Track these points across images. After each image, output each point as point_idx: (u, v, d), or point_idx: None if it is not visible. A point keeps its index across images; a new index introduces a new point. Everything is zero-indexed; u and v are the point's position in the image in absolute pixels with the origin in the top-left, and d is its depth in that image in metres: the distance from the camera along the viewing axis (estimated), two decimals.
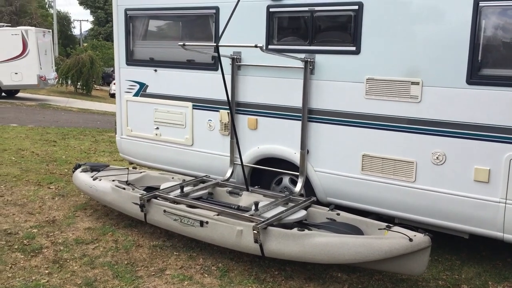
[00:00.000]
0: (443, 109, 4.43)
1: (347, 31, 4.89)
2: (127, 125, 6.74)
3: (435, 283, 4.40)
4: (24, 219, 5.66)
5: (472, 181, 4.38)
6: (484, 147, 4.29)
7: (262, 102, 5.49)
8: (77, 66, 25.54)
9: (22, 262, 4.57)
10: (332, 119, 5.04)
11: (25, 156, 9.05)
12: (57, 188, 6.95)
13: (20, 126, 13.00)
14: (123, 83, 6.69)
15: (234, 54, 5.55)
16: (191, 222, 4.71)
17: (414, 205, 4.67)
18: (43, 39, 20.78)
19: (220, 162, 5.88)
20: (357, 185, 4.97)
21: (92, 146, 10.56)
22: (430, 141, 4.53)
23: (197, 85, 5.97)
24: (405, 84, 4.57)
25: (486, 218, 4.35)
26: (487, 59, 4.28)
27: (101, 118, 16.86)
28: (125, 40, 6.52)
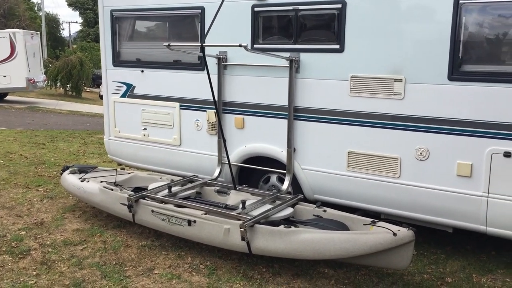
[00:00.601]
0: (426, 106, 4.49)
1: (331, 30, 4.94)
2: (115, 126, 6.74)
3: (420, 276, 4.46)
4: (12, 222, 5.66)
5: (455, 176, 4.44)
6: (466, 142, 4.36)
7: (248, 101, 5.53)
8: (66, 68, 25.40)
9: (10, 264, 4.57)
10: (318, 117, 5.09)
11: (13, 159, 9.02)
12: (45, 191, 6.95)
13: (9, 129, 12.94)
14: (110, 84, 6.70)
15: (220, 53, 5.58)
16: (179, 222, 4.74)
17: (399, 200, 4.74)
18: (31, 42, 20.66)
19: (208, 161, 5.91)
20: (343, 182, 5.02)
21: (81, 148, 10.55)
22: (414, 137, 4.59)
23: (184, 86, 6.00)
24: (388, 81, 4.63)
25: (469, 212, 4.42)
26: (468, 55, 4.35)
27: (90, 120, 16.81)
28: (111, 41, 6.53)
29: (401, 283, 4.31)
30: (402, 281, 4.36)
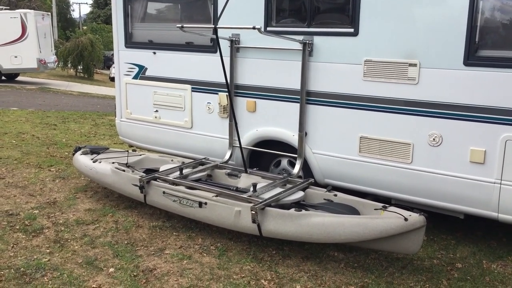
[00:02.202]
0: (440, 91, 4.45)
1: (345, 13, 4.89)
2: (126, 108, 6.77)
3: (430, 262, 4.47)
4: (25, 201, 5.73)
5: (468, 162, 4.42)
6: (480, 129, 4.32)
7: (260, 84, 5.51)
8: (77, 50, 25.42)
9: (23, 242, 4.64)
10: (330, 101, 5.07)
11: (25, 139, 9.10)
12: (57, 171, 7.01)
13: (20, 110, 13.03)
14: (122, 65, 6.70)
15: (232, 36, 5.56)
16: (190, 203, 4.77)
17: (411, 186, 4.73)
18: (42, 22, 20.68)
19: (219, 144, 5.92)
20: (355, 166, 5.01)
21: (92, 130, 10.61)
22: (427, 123, 4.56)
23: (196, 68, 5.98)
24: (402, 66, 4.59)
25: (481, 198, 4.40)
26: (485, 40, 4.29)
27: (101, 101, 16.87)
28: (123, 23, 6.52)
29: (411, 268, 4.32)
30: (412, 265, 4.38)
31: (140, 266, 4.22)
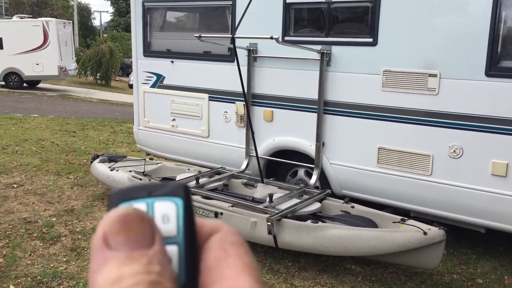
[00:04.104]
0: (461, 102, 4.37)
1: (364, 23, 4.84)
2: (144, 116, 6.80)
3: (450, 276, 4.37)
4: (43, 208, 5.78)
5: (489, 175, 4.32)
6: (502, 141, 4.23)
7: (278, 94, 5.48)
8: (96, 57, 25.77)
9: (41, 249, 4.67)
10: (348, 111, 5.02)
11: (45, 146, 9.21)
12: (75, 178, 7.07)
13: (41, 117, 13.21)
14: (141, 74, 6.74)
15: (250, 45, 5.55)
16: (206, 213, 4.75)
17: (430, 198, 4.64)
18: (64, 30, 21.01)
19: (235, 153, 5.91)
20: (373, 178, 4.94)
21: (110, 137, 10.69)
22: (447, 134, 4.48)
23: (214, 77, 5.99)
24: (422, 76, 4.52)
25: (503, 212, 4.29)
26: (507, 51, 4.21)
27: (120, 109, 17.03)
28: (142, 32, 6.57)
29: (430, 283, 4.23)
30: (431, 280, 4.29)
31: None
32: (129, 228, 0.30)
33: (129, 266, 0.29)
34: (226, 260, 0.31)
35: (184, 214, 0.32)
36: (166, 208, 0.32)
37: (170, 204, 0.32)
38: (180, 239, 0.32)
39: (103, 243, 0.30)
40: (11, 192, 6.29)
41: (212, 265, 0.31)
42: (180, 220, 0.32)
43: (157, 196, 0.32)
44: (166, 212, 0.32)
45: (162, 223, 0.32)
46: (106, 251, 0.30)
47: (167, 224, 0.32)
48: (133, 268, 0.29)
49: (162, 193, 0.32)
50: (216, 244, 0.32)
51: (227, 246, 0.32)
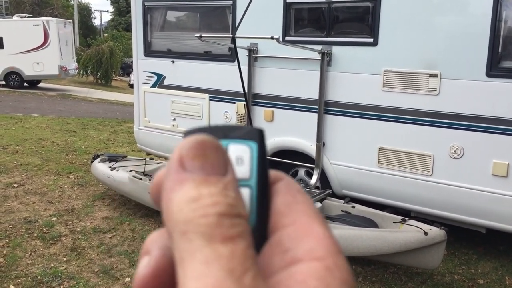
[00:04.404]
0: (462, 102, 4.37)
1: (365, 23, 4.84)
2: (144, 116, 6.80)
3: (451, 277, 4.37)
4: (43, 208, 5.78)
5: (490, 175, 4.32)
6: (503, 141, 4.22)
7: (278, 94, 5.48)
8: (97, 57, 25.77)
9: (41, 249, 4.67)
10: (349, 111, 5.01)
11: (45, 146, 9.21)
12: (76, 178, 7.07)
13: (41, 116, 13.22)
14: (141, 74, 6.74)
15: (251, 45, 5.54)
16: None
17: (431, 198, 4.63)
18: (64, 30, 21.01)
19: None
20: (373, 178, 4.94)
21: (111, 137, 10.69)
22: (448, 135, 4.47)
23: (214, 77, 5.98)
24: (423, 77, 4.52)
25: (504, 212, 4.29)
26: (508, 51, 4.20)
27: (120, 108, 17.03)
28: (143, 31, 6.56)
29: (431, 283, 4.23)
30: (432, 281, 4.28)
31: None
32: (205, 154, 0.30)
33: (207, 188, 0.29)
34: (296, 206, 0.31)
35: (258, 158, 0.32)
36: (241, 150, 0.32)
37: (244, 147, 0.32)
38: (253, 182, 0.32)
39: (179, 165, 0.30)
40: (11, 191, 6.29)
41: (282, 209, 0.32)
42: (254, 164, 0.32)
43: (232, 138, 0.33)
44: (240, 155, 0.32)
45: (236, 165, 0.32)
46: (182, 173, 0.30)
47: (241, 166, 0.32)
48: (211, 189, 0.29)
49: (237, 135, 0.33)
50: (283, 189, 0.33)
51: (294, 192, 0.32)
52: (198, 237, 0.28)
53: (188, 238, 0.28)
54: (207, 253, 0.27)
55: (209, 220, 0.28)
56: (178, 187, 0.30)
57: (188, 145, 0.31)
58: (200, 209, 0.28)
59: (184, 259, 0.28)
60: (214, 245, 0.27)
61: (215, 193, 0.29)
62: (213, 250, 0.27)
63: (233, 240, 0.28)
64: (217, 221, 0.28)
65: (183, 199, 0.29)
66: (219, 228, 0.28)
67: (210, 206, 0.28)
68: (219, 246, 0.27)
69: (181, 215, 0.28)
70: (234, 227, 0.28)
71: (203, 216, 0.28)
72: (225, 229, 0.28)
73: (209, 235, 0.27)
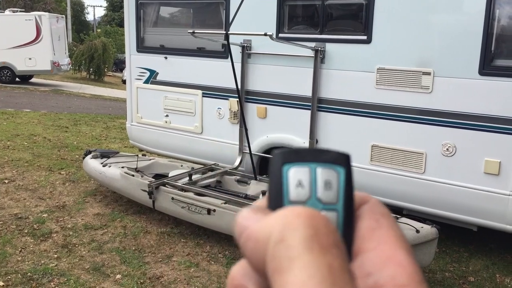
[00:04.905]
0: (455, 100, 4.37)
1: (359, 20, 4.83)
2: (137, 112, 6.76)
3: (442, 274, 4.38)
4: (34, 204, 5.74)
5: (482, 173, 4.33)
6: (495, 139, 4.24)
7: (271, 91, 5.47)
8: (89, 52, 25.61)
9: (31, 246, 4.63)
10: (342, 108, 5.01)
11: (37, 141, 9.14)
12: (68, 174, 7.02)
13: (33, 112, 13.12)
14: (134, 70, 6.70)
15: (244, 42, 5.52)
16: (199, 210, 4.73)
17: (423, 196, 4.64)
18: (57, 25, 20.85)
19: (229, 150, 5.89)
20: (366, 175, 4.94)
21: (103, 133, 10.64)
22: (441, 132, 4.48)
23: (207, 73, 5.96)
24: (416, 74, 4.52)
25: (495, 210, 4.31)
26: (501, 49, 4.21)
27: (113, 104, 16.95)
28: (135, 27, 6.52)
29: None
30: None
31: (147, 273, 4.18)
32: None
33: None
34: (379, 230, 0.31)
35: (345, 183, 0.33)
36: (329, 175, 0.33)
37: (333, 172, 0.33)
38: (340, 207, 0.33)
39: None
40: (2, 187, 6.24)
41: (365, 234, 0.32)
42: (341, 189, 0.33)
43: (321, 162, 0.33)
44: (328, 179, 0.33)
45: (323, 189, 0.33)
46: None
47: (329, 191, 0.32)
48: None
49: (326, 159, 0.33)
50: (367, 213, 0.33)
51: (378, 216, 0.33)
52: (296, 243, 0.28)
53: (286, 244, 0.28)
54: (307, 261, 0.27)
55: (307, 227, 0.28)
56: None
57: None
58: (296, 218, 0.29)
59: (283, 267, 0.28)
60: (313, 254, 0.27)
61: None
62: (313, 259, 0.27)
63: (331, 250, 0.28)
64: (315, 230, 0.28)
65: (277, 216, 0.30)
66: (316, 236, 0.28)
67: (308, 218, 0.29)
68: (318, 256, 0.27)
69: (276, 225, 0.29)
70: (330, 236, 0.29)
71: (300, 224, 0.28)
72: (322, 237, 0.28)
73: (307, 242, 0.28)
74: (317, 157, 0.33)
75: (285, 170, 0.33)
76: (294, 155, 0.33)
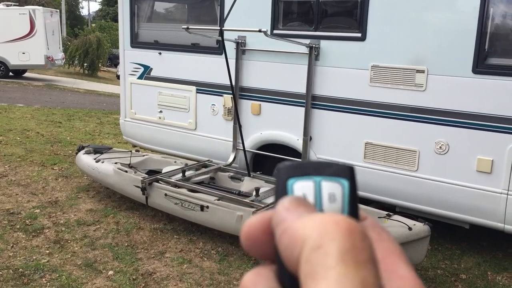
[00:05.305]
0: (448, 98, 4.38)
1: (353, 17, 4.83)
2: (131, 108, 6.73)
3: (434, 272, 4.40)
4: (27, 199, 5.71)
5: (474, 171, 4.35)
6: (487, 138, 4.25)
7: (266, 87, 5.46)
8: (84, 47, 25.47)
9: (23, 241, 4.61)
10: (336, 106, 5.01)
11: (30, 136, 9.09)
12: (60, 169, 6.99)
13: (26, 106, 13.04)
14: (128, 65, 6.67)
15: (238, 38, 5.50)
16: (192, 206, 4.72)
17: (416, 194, 4.66)
18: (51, 19, 20.71)
19: (222, 147, 5.88)
20: (359, 173, 4.89)
21: (97, 128, 10.59)
22: (434, 130, 4.49)
23: (201, 69, 5.94)
24: (410, 72, 4.52)
25: (487, 208, 4.32)
26: (494, 48, 4.22)
27: (107, 99, 16.88)
28: (129, 22, 6.48)
29: None
30: None
31: (139, 270, 4.17)
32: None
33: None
34: (382, 243, 0.32)
35: (349, 195, 0.33)
36: (333, 188, 0.33)
37: (337, 185, 0.33)
38: None
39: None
40: None
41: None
42: (345, 201, 0.33)
43: (325, 176, 0.34)
44: (333, 192, 0.33)
45: (328, 202, 0.33)
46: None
47: (333, 203, 0.33)
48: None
49: (330, 173, 0.34)
50: (370, 227, 0.34)
51: (379, 230, 0.33)
52: (333, 253, 0.28)
53: (323, 252, 0.28)
54: (342, 273, 0.27)
55: (345, 239, 0.29)
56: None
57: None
58: (336, 227, 0.29)
59: (317, 273, 0.28)
60: (348, 267, 0.28)
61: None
62: (347, 272, 0.28)
63: (366, 265, 0.28)
64: (352, 243, 0.29)
65: (314, 220, 0.30)
66: (353, 250, 0.28)
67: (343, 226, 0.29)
68: (353, 269, 0.28)
69: (315, 229, 0.29)
70: (367, 251, 0.29)
71: (339, 235, 0.29)
72: (359, 252, 0.28)
73: (344, 255, 0.28)
74: (321, 170, 0.34)
75: (290, 184, 0.34)
76: (299, 169, 0.34)
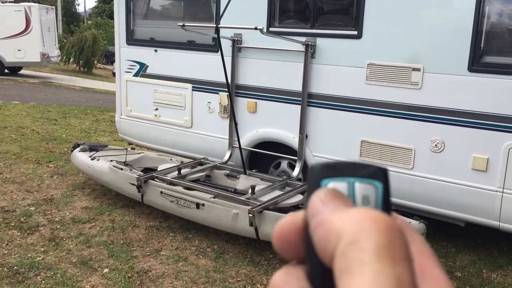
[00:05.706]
0: (444, 96, 4.39)
1: (349, 15, 4.82)
2: (126, 105, 6.71)
3: None
4: (22, 197, 5.69)
5: (470, 169, 4.35)
6: (483, 136, 4.26)
7: (262, 85, 5.45)
8: (80, 44, 25.36)
9: (18, 239, 4.59)
10: (332, 104, 5.00)
11: (25, 134, 9.06)
12: (56, 167, 6.97)
13: (22, 104, 12.99)
14: (123, 62, 6.64)
15: (234, 36, 5.49)
16: (188, 204, 4.72)
17: (411, 192, 4.66)
18: (47, 16, 20.61)
19: (218, 144, 5.87)
20: None
21: (92, 126, 10.56)
22: (429, 128, 4.49)
23: (197, 67, 5.92)
24: (406, 70, 4.52)
25: (483, 206, 4.34)
26: (490, 46, 4.23)
27: (103, 97, 16.82)
28: (125, 19, 6.46)
29: None
30: None
31: (135, 267, 4.17)
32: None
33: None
34: (415, 244, 0.33)
35: (383, 197, 0.33)
36: (367, 189, 0.33)
37: (370, 187, 0.33)
38: None
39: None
40: None
41: None
42: (379, 203, 0.33)
43: (359, 177, 0.34)
44: (366, 194, 0.33)
45: (361, 203, 0.33)
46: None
47: (366, 205, 0.33)
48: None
49: (364, 174, 0.34)
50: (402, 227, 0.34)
51: (411, 231, 0.34)
52: (369, 249, 0.28)
53: (359, 247, 0.28)
54: (378, 269, 0.27)
55: (382, 236, 0.28)
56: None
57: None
58: (373, 223, 0.29)
59: (353, 269, 0.28)
60: (385, 263, 0.28)
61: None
62: (383, 269, 0.27)
63: (402, 263, 0.28)
64: (389, 240, 0.28)
65: (351, 215, 0.30)
66: (390, 246, 0.28)
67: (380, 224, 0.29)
68: (389, 266, 0.28)
69: (351, 224, 0.29)
70: (403, 248, 0.29)
71: (376, 231, 0.29)
72: (395, 249, 0.28)
73: (380, 251, 0.28)
74: (355, 171, 0.34)
75: (324, 184, 0.34)
76: (333, 170, 0.34)
